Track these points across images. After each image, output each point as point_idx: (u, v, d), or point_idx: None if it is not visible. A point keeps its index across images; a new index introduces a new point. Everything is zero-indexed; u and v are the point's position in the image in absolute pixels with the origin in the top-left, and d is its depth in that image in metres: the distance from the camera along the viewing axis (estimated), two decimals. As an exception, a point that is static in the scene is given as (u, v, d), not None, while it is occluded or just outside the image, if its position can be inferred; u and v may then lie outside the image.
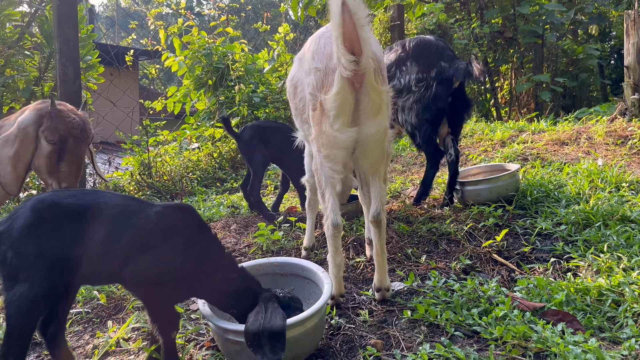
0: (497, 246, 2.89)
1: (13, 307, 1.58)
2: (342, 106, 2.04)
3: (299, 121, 2.67)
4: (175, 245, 1.75)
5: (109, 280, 1.99)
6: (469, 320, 2.10)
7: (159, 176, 5.49)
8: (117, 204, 1.75)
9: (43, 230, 1.61)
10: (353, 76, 1.96)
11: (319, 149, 2.20)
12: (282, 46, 7.17)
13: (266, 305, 1.74)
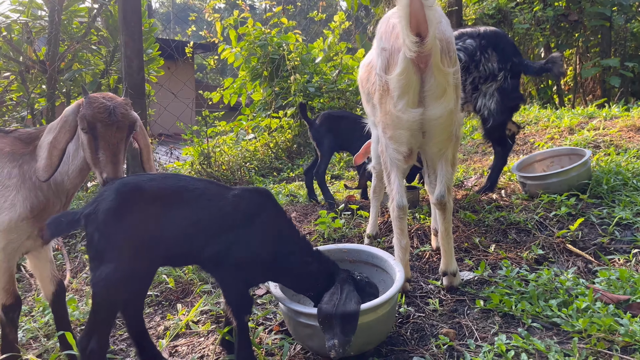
0: (571, 236, 2.75)
1: (99, 286, 1.63)
2: (406, 87, 2.01)
3: (369, 107, 2.65)
4: (254, 227, 1.76)
5: (188, 261, 2.01)
6: (547, 311, 2.00)
7: (217, 166, 5.58)
8: (197, 187, 1.77)
9: (127, 212, 1.64)
10: (417, 57, 1.92)
11: (384, 130, 2.20)
12: (336, 35, 7.12)
13: (342, 287, 1.73)
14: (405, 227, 2.26)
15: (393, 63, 2.05)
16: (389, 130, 2.16)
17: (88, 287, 3.04)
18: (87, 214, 1.64)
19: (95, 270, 1.63)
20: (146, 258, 1.67)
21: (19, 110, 5.38)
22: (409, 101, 2.04)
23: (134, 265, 1.64)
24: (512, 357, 1.72)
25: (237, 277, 1.76)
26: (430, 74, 2.01)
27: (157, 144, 6.01)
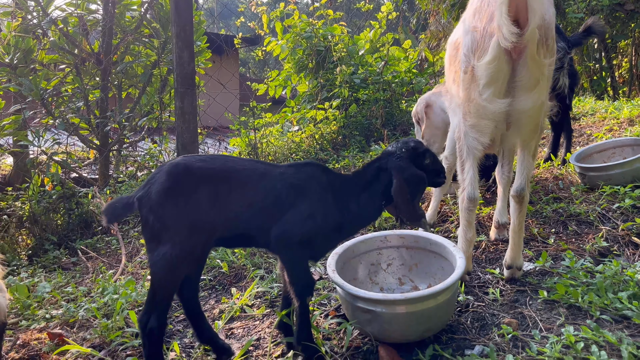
0: (637, 229, 2.62)
1: (157, 266, 1.65)
2: (495, 76, 1.88)
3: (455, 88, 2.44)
4: (309, 199, 1.75)
5: (248, 243, 1.99)
6: (616, 304, 1.91)
7: (264, 157, 5.63)
8: (245, 167, 1.77)
9: (179, 192, 1.66)
10: (511, 47, 1.78)
11: (464, 117, 2.08)
12: (382, 26, 7.04)
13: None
14: (474, 220, 2.20)
15: (483, 47, 1.90)
16: (470, 118, 2.03)
17: (143, 270, 3.12)
18: (140, 197, 1.67)
19: (152, 251, 1.66)
20: (201, 238, 1.69)
21: (74, 101, 5.57)
22: (497, 91, 1.91)
23: (190, 245, 1.66)
24: (582, 349, 1.65)
25: (301, 256, 1.76)
26: (524, 65, 1.87)
27: (206, 135, 6.10)
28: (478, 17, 1.94)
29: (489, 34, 1.86)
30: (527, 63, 1.85)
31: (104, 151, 5.24)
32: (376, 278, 2.22)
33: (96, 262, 3.52)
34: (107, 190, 4.64)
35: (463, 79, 2.04)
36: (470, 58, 1.96)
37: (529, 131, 2.06)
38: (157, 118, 5.56)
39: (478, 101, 1.95)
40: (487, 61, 1.85)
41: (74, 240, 4.07)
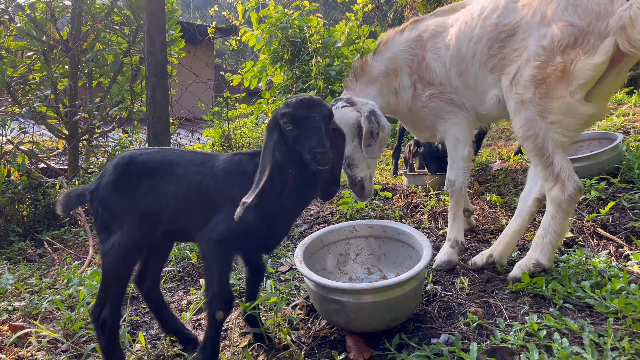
0: (602, 220, 2.67)
1: (107, 257, 1.65)
2: (594, 78, 1.85)
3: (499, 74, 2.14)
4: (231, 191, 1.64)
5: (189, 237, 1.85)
6: (579, 292, 1.94)
7: (238, 147, 5.57)
8: (185, 159, 1.74)
9: (124, 185, 1.67)
10: (624, 54, 1.78)
11: (542, 114, 1.96)
12: (358, 18, 7.02)
13: None
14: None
15: (587, 46, 1.83)
16: (552, 115, 1.95)
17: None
18: (92, 190, 1.69)
19: (103, 242, 1.66)
20: (149, 228, 1.67)
21: (42, 90, 5.41)
22: (584, 93, 1.89)
23: (138, 235, 1.65)
24: (544, 337, 1.68)
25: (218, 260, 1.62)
26: (616, 73, 1.88)
27: (178, 125, 6.01)
28: (578, 13, 1.85)
29: (598, 34, 1.81)
30: (620, 71, 1.88)
31: (73, 141, 5.11)
32: (345, 268, 2.21)
33: (63, 253, 3.44)
34: (75, 181, 4.54)
35: (539, 73, 1.93)
36: (556, 53, 1.88)
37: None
38: (128, 108, 5.45)
39: (568, 100, 1.90)
40: (597, 63, 1.81)
41: (40, 231, 3.98)
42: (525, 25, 1.99)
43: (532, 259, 2.06)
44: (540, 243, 2.06)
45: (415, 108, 2.49)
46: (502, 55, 2.08)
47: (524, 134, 2.01)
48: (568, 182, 1.97)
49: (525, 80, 1.97)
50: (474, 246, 2.60)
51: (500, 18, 2.08)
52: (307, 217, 3.33)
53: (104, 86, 5.99)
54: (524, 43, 1.99)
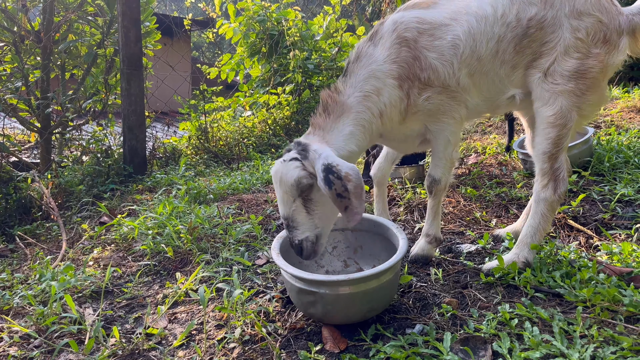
0: (573, 212, 2.74)
1: None
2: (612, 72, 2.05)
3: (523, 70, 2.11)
4: None
5: None
6: (550, 282, 1.99)
7: (215, 141, 5.53)
8: None
9: None
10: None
11: (579, 106, 2.03)
12: (337, 12, 7.02)
13: None
14: None
15: (612, 43, 2.01)
16: (588, 107, 2.06)
17: (85, 256, 3.01)
18: None
19: None
20: None
21: (12, 81, 5.28)
22: None
23: None
24: (516, 325, 1.71)
25: None
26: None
27: (154, 118, 5.93)
28: (602, 10, 2.00)
29: (616, 32, 2.00)
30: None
31: (45, 134, 5.01)
32: (322, 261, 2.22)
33: (35, 248, 3.37)
34: (48, 175, 4.45)
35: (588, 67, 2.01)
36: (592, 47, 2.00)
37: None
38: (103, 100, 5.36)
39: (603, 92, 2.06)
40: (622, 59, 2.01)
41: (12, 226, 3.89)
42: (551, 18, 2.01)
43: (521, 257, 2.11)
44: (529, 242, 2.11)
45: (408, 118, 2.20)
46: (531, 50, 2.06)
47: (555, 122, 2.02)
48: (561, 183, 2.07)
49: (566, 71, 2.00)
50: (449, 237, 2.63)
51: (522, 13, 2.03)
52: (285, 210, 3.32)
53: (77, 78, 5.87)
54: (555, 35, 2.01)
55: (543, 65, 2.04)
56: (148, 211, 3.36)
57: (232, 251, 2.68)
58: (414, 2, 2.25)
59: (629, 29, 2.00)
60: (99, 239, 3.21)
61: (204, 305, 1.91)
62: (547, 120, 2.04)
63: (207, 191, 3.83)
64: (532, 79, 2.08)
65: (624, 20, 2.00)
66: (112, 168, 4.73)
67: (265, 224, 3.11)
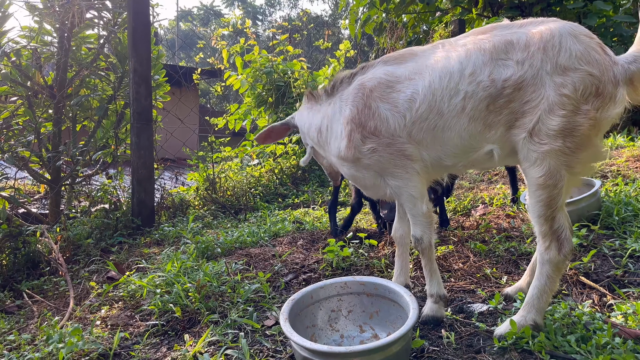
0: (584, 268, 2.71)
1: None
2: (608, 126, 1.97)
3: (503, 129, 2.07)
4: None
5: None
6: (565, 347, 1.95)
7: (222, 191, 5.57)
8: None
9: None
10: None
11: (569, 164, 1.95)
12: (341, 63, 7.19)
13: None
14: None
15: (607, 96, 1.89)
16: (580, 165, 1.97)
17: (92, 314, 2.99)
18: None
19: None
20: None
21: (25, 135, 5.39)
22: None
23: None
24: (533, 395, 1.67)
25: None
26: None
27: (163, 169, 6.00)
28: (590, 63, 1.91)
29: (610, 83, 1.89)
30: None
31: (55, 187, 5.07)
32: (336, 325, 2.20)
33: (42, 305, 3.35)
34: (57, 228, 4.47)
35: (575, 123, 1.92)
36: (581, 103, 1.91)
37: None
38: (112, 153, 5.44)
39: (597, 148, 1.97)
40: (619, 111, 1.90)
41: (20, 281, 3.88)
42: (531, 77, 1.97)
43: (530, 320, 2.05)
44: (536, 304, 2.06)
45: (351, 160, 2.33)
46: (510, 110, 2.03)
47: (544, 183, 1.97)
48: (565, 242, 1.99)
49: (551, 130, 1.93)
50: (460, 296, 2.60)
51: (496, 75, 2.03)
52: (293, 266, 3.31)
53: (88, 130, 5.99)
54: (537, 94, 1.96)
55: (527, 125, 1.99)
56: (156, 268, 3.35)
57: (240, 311, 2.66)
58: (395, 55, 2.36)
59: (625, 78, 1.91)
60: (106, 296, 3.20)
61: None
62: (537, 182, 1.99)
63: (214, 245, 3.83)
64: (518, 139, 2.03)
65: (619, 70, 1.92)
66: (121, 221, 4.76)
67: (274, 281, 3.09)
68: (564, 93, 1.90)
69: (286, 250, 3.62)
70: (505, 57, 2.03)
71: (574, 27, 1.98)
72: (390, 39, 9.45)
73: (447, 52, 2.17)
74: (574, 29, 1.98)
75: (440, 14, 8.77)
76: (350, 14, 9.16)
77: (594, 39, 1.97)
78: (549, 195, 1.97)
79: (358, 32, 10.16)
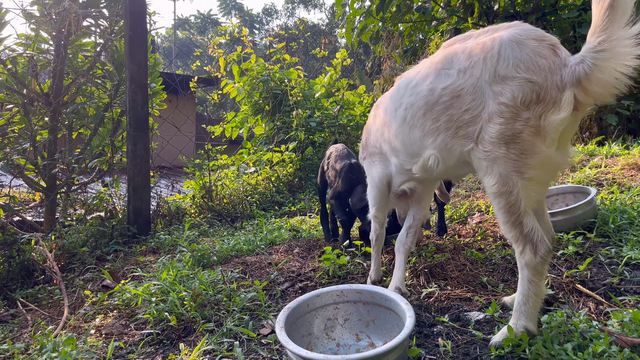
0: (581, 276, 2.71)
1: None
2: (561, 130, 1.89)
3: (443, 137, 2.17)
4: None
5: None
6: (562, 355, 1.94)
7: (219, 199, 5.56)
8: None
9: None
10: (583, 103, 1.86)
11: (519, 170, 1.95)
12: (338, 71, 7.22)
13: None
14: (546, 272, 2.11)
15: (548, 100, 1.86)
16: (531, 170, 1.95)
17: (87, 323, 2.97)
18: None
19: None
20: None
21: (20, 142, 5.38)
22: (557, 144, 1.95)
23: None
24: (530, 404, 1.66)
25: None
26: (576, 120, 1.96)
27: (159, 177, 5.98)
28: (530, 69, 1.88)
29: (555, 88, 1.85)
30: (577, 119, 1.96)
31: (51, 195, 5.04)
32: (333, 333, 2.19)
33: (36, 314, 3.33)
34: (52, 236, 4.45)
35: (516, 131, 1.92)
36: (521, 110, 1.89)
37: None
38: (108, 161, 5.43)
39: (547, 153, 1.91)
40: (564, 117, 1.84)
41: (14, 290, 3.86)
42: (470, 86, 2.01)
43: (519, 326, 2.04)
44: (524, 310, 2.05)
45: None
46: (448, 117, 2.10)
47: (498, 190, 2.00)
48: (539, 244, 1.97)
49: (492, 137, 1.96)
50: (456, 304, 2.60)
51: (435, 84, 2.13)
52: (289, 274, 3.30)
53: (84, 137, 5.98)
54: (477, 103, 2.00)
55: (472, 134, 2.03)
56: (152, 276, 3.34)
57: (236, 320, 2.64)
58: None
59: (572, 80, 1.82)
60: (101, 305, 3.17)
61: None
62: (492, 190, 2.02)
63: (210, 253, 3.81)
64: (467, 150, 2.08)
65: (567, 72, 1.84)
66: (116, 229, 4.74)
67: (270, 290, 3.08)
68: (502, 101, 1.91)
69: (282, 259, 3.60)
70: (449, 67, 2.11)
71: (522, 33, 1.96)
72: (386, 48, 9.49)
73: (413, 69, 2.44)
74: (520, 35, 1.95)
75: (436, 23, 8.82)
76: (347, 23, 9.20)
77: (545, 41, 1.92)
78: (507, 202, 1.98)
79: (355, 40, 10.21)
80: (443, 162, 2.25)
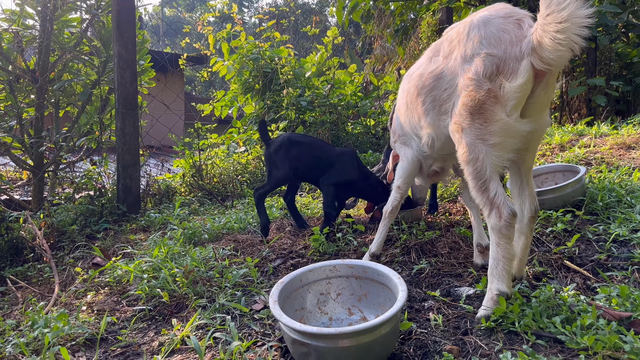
0: (569, 252, 2.75)
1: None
2: (523, 97, 2.01)
3: (431, 116, 2.40)
4: None
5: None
6: (550, 328, 1.98)
7: (209, 178, 5.53)
8: None
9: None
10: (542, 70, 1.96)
11: (482, 138, 2.08)
12: (329, 50, 7.15)
13: None
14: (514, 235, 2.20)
15: (508, 70, 2.00)
16: (493, 137, 2.08)
17: (78, 300, 2.96)
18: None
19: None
20: None
21: (6, 120, 5.29)
22: (519, 112, 2.06)
23: None
24: (519, 375, 1.70)
25: None
26: (543, 87, 2.04)
27: (148, 156, 5.93)
28: (492, 44, 2.05)
29: (514, 58, 1.99)
30: (547, 86, 2.03)
31: (39, 173, 4.99)
32: (325, 308, 2.20)
33: (27, 291, 3.31)
34: (40, 214, 4.41)
35: (478, 102, 2.07)
36: (483, 81, 2.04)
37: (535, 152, 2.32)
38: (97, 139, 5.36)
39: (506, 120, 2.03)
40: (520, 84, 1.97)
41: (3, 268, 3.83)
42: (449, 69, 2.24)
43: (494, 290, 2.10)
44: (495, 272, 2.12)
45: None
46: (432, 97, 2.36)
47: (466, 159, 2.14)
48: (503, 208, 2.08)
49: (459, 109, 2.16)
50: (447, 280, 2.63)
51: (423, 69, 2.42)
52: (281, 251, 3.31)
53: (72, 115, 5.89)
54: (452, 83, 2.23)
55: (449, 109, 2.27)
56: (143, 254, 3.33)
57: (228, 296, 2.65)
58: None
59: (529, 50, 1.96)
60: (92, 282, 3.17)
61: (200, 356, 1.88)
62: (462, 158, 2.18)
63: (202, 231, 3.81)
64: (447, 124, 2.30)
65: (526, 42, 1.98)
66: (106, 207, 4.71)
67: (262, 266, 3.09)
68: (468, 76, 2.10)
69: (274, 236, 3.61)
70: (437, 54, 2.39)
71: (492, 12, 2.15)
72: (377, 27, 9.41)
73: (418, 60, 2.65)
74: (489, 15, 2.15)
75: (427, 1, 8.75)
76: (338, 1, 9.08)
77: (512, 17, 2.08)
78: (474, 168, 2.11)
79: (345, 19, 10.10)
80: (438, 139, 2.46)
